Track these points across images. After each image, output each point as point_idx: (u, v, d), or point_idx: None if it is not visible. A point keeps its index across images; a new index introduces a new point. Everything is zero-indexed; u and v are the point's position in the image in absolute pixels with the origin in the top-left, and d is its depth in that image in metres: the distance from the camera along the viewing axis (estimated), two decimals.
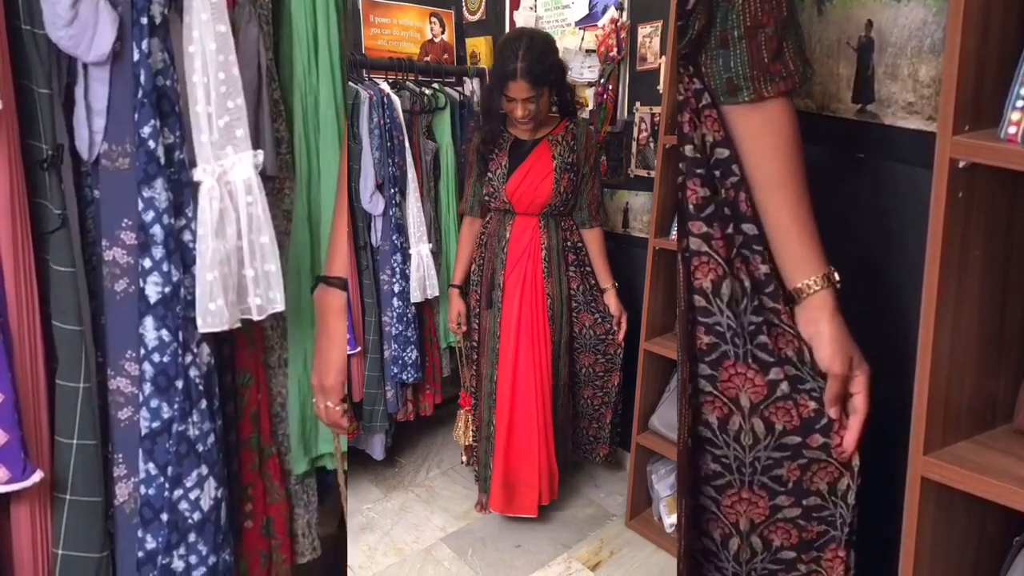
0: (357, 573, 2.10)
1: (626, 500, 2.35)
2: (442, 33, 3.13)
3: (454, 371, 2.66)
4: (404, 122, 2.40)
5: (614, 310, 2.26)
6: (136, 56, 1.11)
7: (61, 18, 1.05)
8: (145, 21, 1.11)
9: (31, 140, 1.11)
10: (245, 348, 1.38)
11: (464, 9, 3.15)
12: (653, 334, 2.19)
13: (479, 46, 3.08)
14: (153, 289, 1.15)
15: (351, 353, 2.33)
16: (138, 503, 1.19)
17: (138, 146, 1.13)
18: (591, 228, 2.26)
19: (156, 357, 1.16)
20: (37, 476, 1.09)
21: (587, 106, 2.60)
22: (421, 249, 2.44)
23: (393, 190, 2.37)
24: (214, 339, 1.23)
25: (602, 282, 2.28)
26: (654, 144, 2.36)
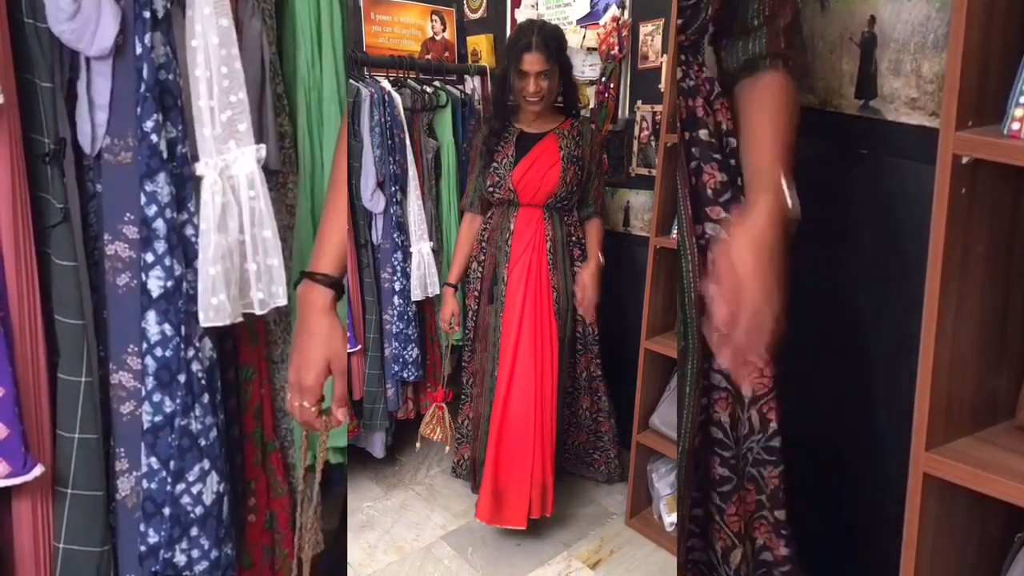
0: (357, 571, 2.10)
1: (626, 499, 2.35)
2: (443, 31, 3.13)
3: (455, 369, 2.66)
4: (405, 120, 2.40)
5: (586, 278, 2.16)
6: (139, 50, 1.11)
7: (64, 12, 1.05)
8: (148, 15, 1.11)
9: (33, 134, 1.11)
10: (248, 343, 1.38)
11: (465, 7, 3.15)
12: (653, 333, 2.19)
13: (480, 44, 3.08)
14: (155, 283, 1.15)
15: (351, 351, 2.34)
16: (140, 497, 1.19)
17: (140, 140, 1.12)
18: (592, 219, 2.27)
19: (158, 351, 1.16)
20: (38, 470, 1.09)
21: (588, 105, 2.60)
22: (422, 247, 2.45)
23: (394, 188, 2.37)
24: (216, 334, 1.23)
25: (589, 254, 2.22)
26: (655, 142, 2.36)
